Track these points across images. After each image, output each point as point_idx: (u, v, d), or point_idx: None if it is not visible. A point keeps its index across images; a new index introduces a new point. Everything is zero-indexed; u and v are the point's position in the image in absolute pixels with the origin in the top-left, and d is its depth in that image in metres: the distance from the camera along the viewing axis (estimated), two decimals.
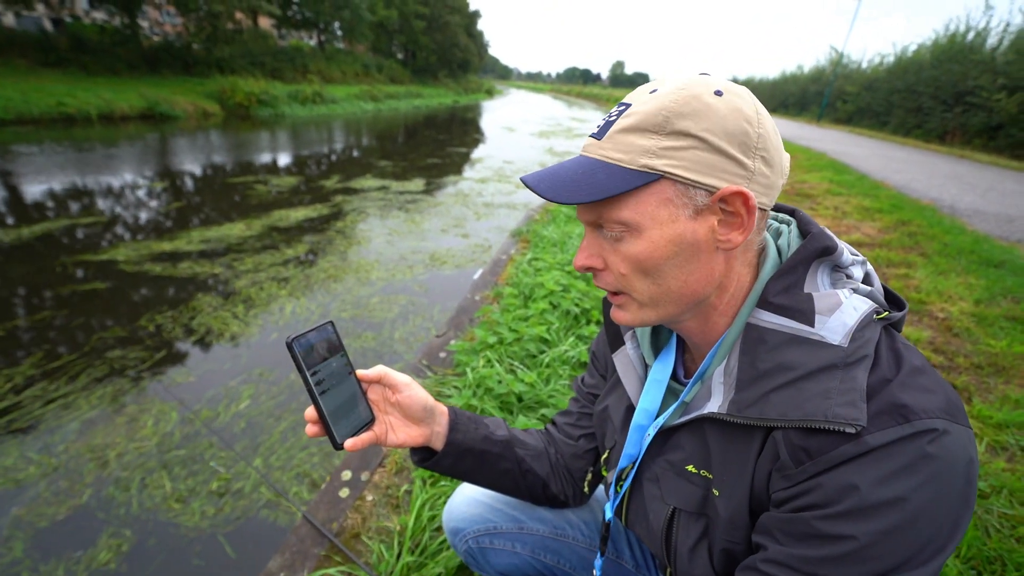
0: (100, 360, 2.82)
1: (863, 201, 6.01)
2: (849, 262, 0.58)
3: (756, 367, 0.54)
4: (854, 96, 23.97)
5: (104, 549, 1.77)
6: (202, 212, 5.94)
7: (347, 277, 4.18)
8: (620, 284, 0.58)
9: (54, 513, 1.92)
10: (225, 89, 17.18)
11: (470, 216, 6.20)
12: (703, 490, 0.61)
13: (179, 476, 2.08)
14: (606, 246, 0.57)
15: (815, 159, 9.75)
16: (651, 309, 0.58)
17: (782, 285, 0.55)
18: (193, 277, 3.98)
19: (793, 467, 0.50)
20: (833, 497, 0.47)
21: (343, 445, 0.65)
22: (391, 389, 0.73)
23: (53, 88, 13.02)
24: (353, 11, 30.45)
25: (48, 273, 3.90)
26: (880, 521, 0.45)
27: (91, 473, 2.11)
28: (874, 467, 0.45)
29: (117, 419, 2.41)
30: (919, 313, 3.08)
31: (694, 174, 0.51)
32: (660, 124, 0.51)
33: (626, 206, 0.53)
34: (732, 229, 0.53)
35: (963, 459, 0.46)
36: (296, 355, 0.61)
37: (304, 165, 9.15)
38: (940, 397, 0.48)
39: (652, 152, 0.51)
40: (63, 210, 5.64)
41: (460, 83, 49.78)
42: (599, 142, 0.55)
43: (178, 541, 1.80)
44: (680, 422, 0.63)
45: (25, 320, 3.23)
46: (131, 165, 8.20)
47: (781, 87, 35.86)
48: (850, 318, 0.51)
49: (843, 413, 0.46)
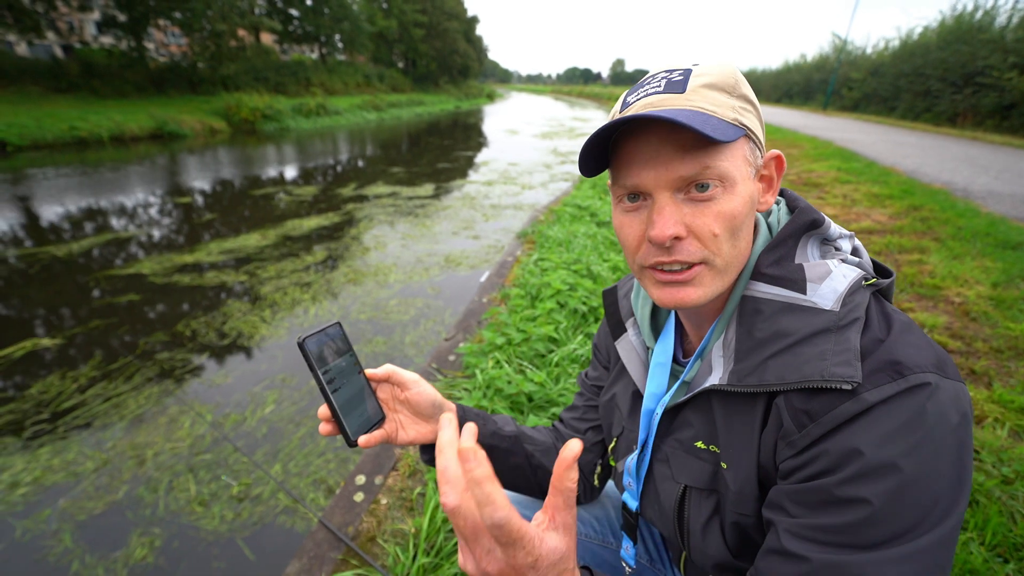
0: (151, 362, 3.02)
1: (872, 188, 5.92)
2: (837, 235, 0.60)
3: (753, 336, 0.55)
4: (859, 82, 23.67)
5: (138, 547, 1.84)
6: (217, 225, 6.07)
7: (366, 280, 4.30)
8: (706, 250, 0.53)
9: (93, 507, 2.03)
10: (231, 106, 17.44)
11: (479, 218, 6.28)
12: (712, 465, 0.61)
13: (203, 480, 2.14)
14: (688, 210, 0.53)
15: (822, 148, 9.64)
16: (721, 278, 0.56)
17: (774, 257, 0.57)
18: (221, 285, 4.16)
19: (796, 432, 0.50)
20: (840, 461, 0.47)
21: (356, 442, 0.66)
22: (399, 387, 0.74)
23: (65, 113, 13.32)
24: (353, 23, 30.82)
25: (84, 287, 4.12)
26: (888, 480, 0.45)
27: (129, 471, 2.22)
28: (875, 426, 0.46)
29: (160, 419, 2.54)
30: (934, 299, 3.02)
31: (761, 135, 0.56)
32: (733, 86, 0.53)
33: (726, 157, 0.52)
34: (766, 192, 0.59)
35: (956, 412, 0.46)
36: (307, 354, 0.62)
37: (312, 176, 9.27)
38: (930, 352, 0.48)
39: (736, 109, 0.53)
40: (84, 230, 5.80)
41: (461, 89, 50.04)
42: (683, 95, 0.52)
43: (198, 544, 1.85)
44: (684, 399, 0.63)
45: (81, 328, 3.43)
46: (144, 184, 8.37)
47: (784, 77, 35.54)
48: (840, 284, 0.52)
49: (839, 372, 0.48)
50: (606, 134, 0.53)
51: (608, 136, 0.54)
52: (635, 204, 0.55)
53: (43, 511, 2.00)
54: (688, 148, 0.50)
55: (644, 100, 0.53)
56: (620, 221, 0.58)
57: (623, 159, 0.54)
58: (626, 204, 0.56)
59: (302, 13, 29.24)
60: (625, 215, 0.57)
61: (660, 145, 0.51)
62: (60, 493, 2.10)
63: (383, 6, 38.95)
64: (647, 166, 0.52)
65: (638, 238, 0.56)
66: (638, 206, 0.55)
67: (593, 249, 3.82)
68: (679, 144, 0.50)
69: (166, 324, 3.49)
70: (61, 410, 2.59)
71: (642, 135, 0.52)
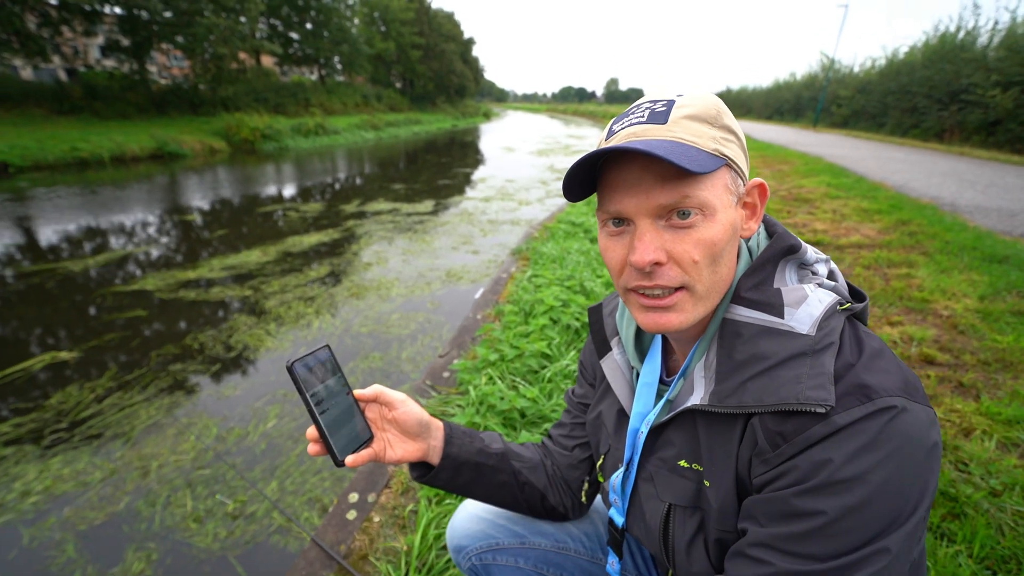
0: (165, 373, 3.12)
1: (862, 203, 6.02)
2: (813, 260, 0.63)
3: (733, 358, 0.57)
4: (848, 100, 24.16)
5: (135, 562, 1.85)
6: (218, 242, 6.14)
7: (368, 295, 4.39)
8: (687, 275, 0.55)
9: (94, 518, 2.07)
10: (231, 126, 17.64)
11: (477, 233, 6.39)
12: (696, 483, 0.63)
13: (200, 496, 2.16)
14: (668, 237, 0.55)
15: (812, 164, 9.80)
16: (703, 303, 0.57)
17: (753, 281, 0.59)
18: (226, 300, 4.27)
19: (770, 451, 0.53)
20: (806, 475, 0.49)
21: (344, 462, 0.67)
22: (387, 407, 0.75)
23: (67, 134, 13.46)
24: (352, 45, 31.38)
25: (92, 303, 4.22)
26: (847, 497, 0.47)
27: (133, 482, 2.26)
28: (843, 445, 0.48)
29: (168, 431, 2.60)
30: (923, 312, 3.06)
31: (742, 165, 0.58)
32: (714, 117, 0.56)
33: (705, 187, 0.54)
34: (749, 219, 0.61)
35: (921, 436, 0.48)
36: (296, 377, 0.63)
37: (311, 194, 9.37)
38: (898, 377, 0.51)
39: (716, 139, 0.55)
40: (85, 248, 5.88)
41: (458, 108, 50.76)
42: (664, 126, 0.54)
43: (191, 561, 1.85)
44: (668, 418, 0.65)
45: (96, 341, 3.53)
46: (143, 203, 8.43)
47: (775, 94, 36.23)
48: (816, 309, 0.55)
49: (813, 395, 0.50)
50: (589, 162, 0.56)
51: (592, 164, 0.57)
52: (619, 229, 0.58)
53: (49, 519, 2.06)
54: (668, 178, 0.52)
55: (628, 130, 0.56)
56: (605, 245, 0.60)
57: (607, 186, 0.57)
58: (611, 228, 0.58)
59: (302, 36, 29.80)
60: (609, 239, 0.59)
61: (641, 174, 0.53)
62: (67, 502, 2.15)
63: (381, 29, 39.75)
64: (629, 193, 0.54)
65: (621, 262, 0.58)
66: (622, 231, 0.58)
67: (586, 265, 3.87)
68: (659, 174, 0.53)
69: (175, 338, 3.59)
70: (79, 419, 2.67)
71: (624, 164, 0.55)
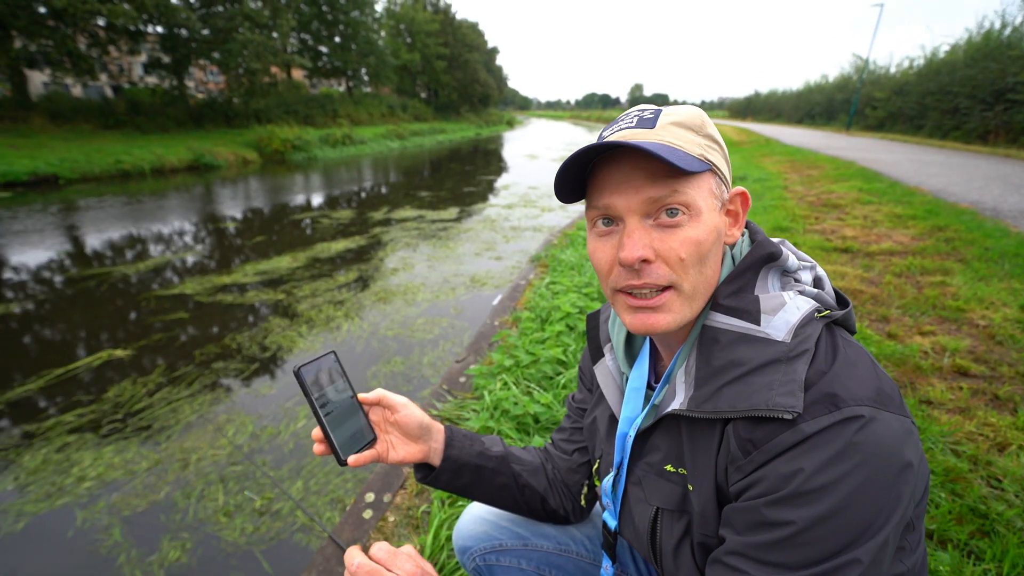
0: (208, 370, 3.34)
1: (895, 208, 5.81)
2: (796, 267, 0.63)
3: (711, 364, 0.58)
4: (884, 102, 23.37)
5: (171, 550, 1.99)
6: (251, 249, 6.43)
7: (395, 299, 4.55)
8: (674, 274, 0.57)
9: (137, 505, 2.24)
10: (263, 137, 18.33)
11: (500, 240, 6.50)
12: (681, 488, 0.64)
13: (231, 491, 2.28)
14: (656, 235, 0.56)
15: (843, 168, 9.52)
16: (689, 304, 0.59)
17: (732, 288, 0.60)
18: (260, 303, 4.52)
19: (742, 457, 0.54)
20: (776, 485, 0.50)
21: (346, 461, 0.70)
22: (389, 410, 0.78)
23: (112, 148, 14.21)
24: (378, 57, 32.21)
25: (138, 306, 4.51)
26: (816, 507, 0.48)
27: (173, 473, 2.42)
28: (811, 455, 0.49)
29: (208, 426, 2.76)
30: (957, 321, 2.94)
31: (726, 172, 0.60)
32: (699, 125, 0.59)
33: (692, 187, 0.56)
34: (733, 225, 0.63)
35: (891, 445, 0.48)
36: (303, 381, 0.66)
37: (338, 202, 9.66)
38: (869, 386, 0.51)
39: (701, 146, 0.58)
40: (128, 255, 6.23)
41: (481, 116, 51.33)
42: (653, 130, 0.57)
43: (219, 554, 1.95)
44: (652, 423, 0.66)
45: (146, 341, 3.80)
46: (181, 213, 8.85)
47: (806, 97, 35.37)
48: (793, 316, 0.55)
49: (782, 402, 0.50)
50: (582, 160, 0.58)
51: (583, 163, 0.59)
52: (608, 228, 0.59)
53: (100, 503, 2.24)
54: (658, 176, 0.55)
55: (618, 134, 0.58)
56: (594, 246, 0.62)
57: (597, 183, 0.59)
58: (600, 228, 0.60)
59: (331, 50, 30.75)
60: (598, 240, 0.61)
61: (632, 171, 0.56)
62: (116, 488, 2.33)
63: (407, 40, 40.66)
64: (619, 190, 0.56)
65: (610, 262, 0.59)
66: (611, 231, 0.59)
67: None
68: (649, 172, 0.55)
69: (215, 338, 3.83)
70: (132, 411, 2.89)
71: (615, 163, 0.57)
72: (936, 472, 1.70)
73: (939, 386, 2.25)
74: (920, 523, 0.58)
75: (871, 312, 3.08)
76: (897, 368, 2.40)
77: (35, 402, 2.99)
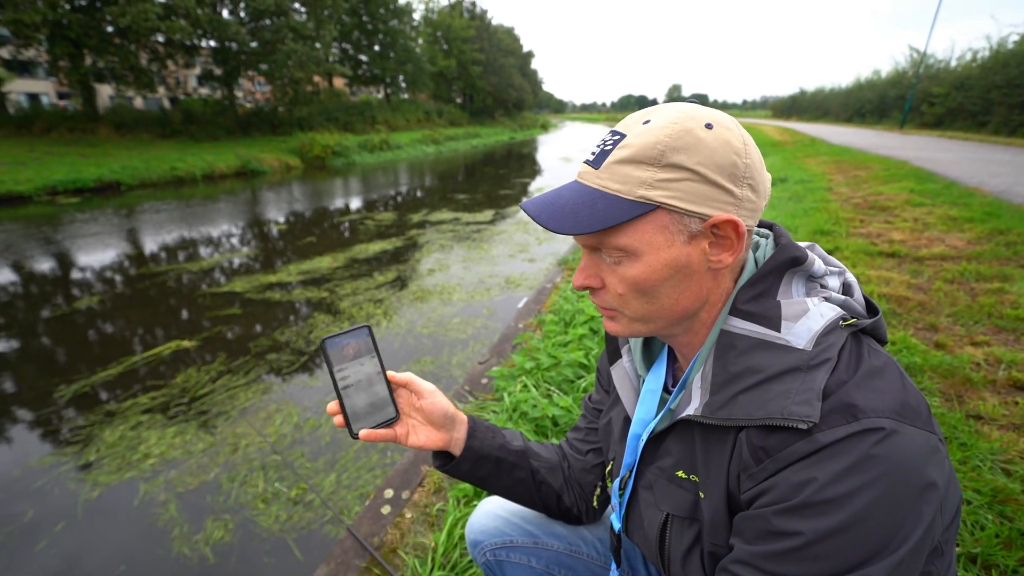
0: (262, 361, 3.60)
1: (950, 211, 5.45)
2: (822, 272, 0.61)
3: (727, 370, 0.57)
4: (943, 97, 21.97)
5: (215, 530, 2.14)
6: (293, 250, 6.76)
7: (432, 298, 4.72)
8: (616, 303, 0.61)
9: (189, 483, 2.43)
10: (305, 144, 19.08)
11: (532, 242, 6.59)
12: (693, 495, 0.63)
13: (270, 479, 2.42)
14: (604, 267, 0.60)
15: (894, 169, 9.00)
16: (641, 324, 0.62)
17: (752, 293, 0.58)
18: (306, 301, 4.80)
19: (754, 466, 0.52)
20: (787, 494, 0.48)
21: (358, 435, 0.71)
22: (416, 395, 0.80)
23: (167, 156, 15.16)
24: (415, 64, 33.01)
25: (196, 302, 4.88)
26: (826, 519, 0.46)
27: (224, 456, 2.61)
28: (825, 465, 0.47)
29: (260, 413, 2.96)
30: (1016, 332, 2.73)
31: (688, 204, 0.53)
32: (656, 157, 0.53)
33: (624, 234, 0.55)
34: (723, 251, 0.57)
35: (913, 461, 0.46)
36: (326, 353, 0.68)
37: (375, 206, 9.98)
38: (892, 398, 0.49)
39: (648, 184, 0.53)
40: (181, 256, 6.67)
41: (516, 120, 51.60)
42: (596, 171, 0.57)
43: (254, 538, 2.08)
44: (666, 427, 0.66)
45: (208, 333, 4.11)
46: (229, 216, 9.36)
47: (856, 94, 33.71)
48: (816, 324, 0.53)
49: (798, 411, 0.49)
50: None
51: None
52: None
53: (159, 479, 2.46)
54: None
55: (581, 166, 0.61)
56: None
57: None
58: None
59: (370, 58, 31.74)
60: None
61: None
62: (174, 466, 2.54)
63: (443, 47, 41.44)
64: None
65: None
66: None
67: None
68: None
69: (266, 332, 4.12)
70: (196, 396, 3.15)
71: None
72: (983, 492, 1.58)
73: (991, 400, 2.10)
74: (950, 549, 0.55)
75: (917, 320, 2.91)
76: (944, 380, 2.25)
77: (115, 385, 3.33)
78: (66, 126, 16.04)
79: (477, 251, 6.23)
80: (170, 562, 1.99)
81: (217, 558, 1.99)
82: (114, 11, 15.61)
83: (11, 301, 5.05)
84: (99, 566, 1.99)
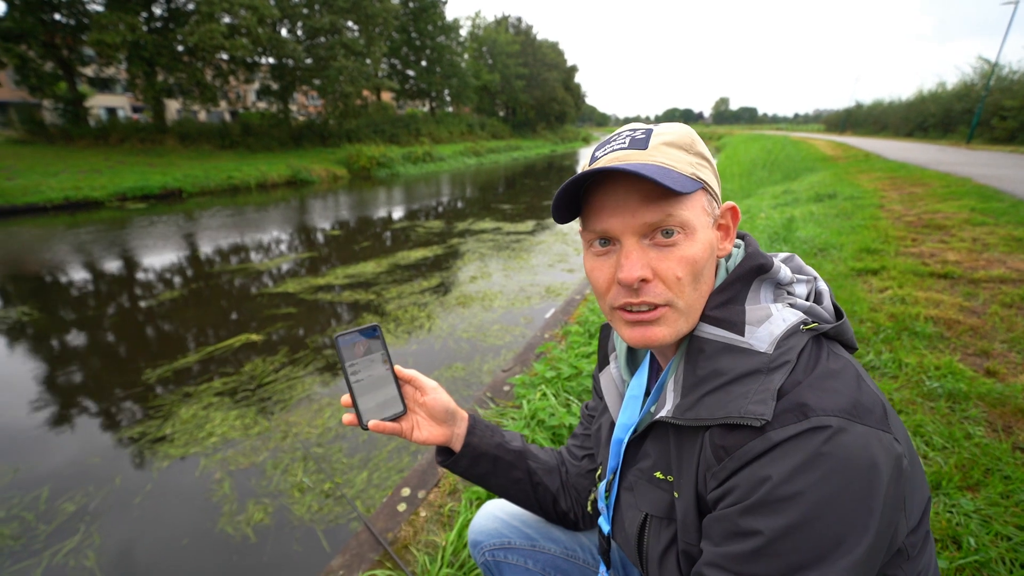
0: (319, 356, 3.89)
1: (1014, 231, 5.07)
2: (789, 279, 0.63)
3: (696, 374, 0.59)
4: (1017, 111, 20.53)
5: (256, 512, 2.31)
6: (339, 255, 7.11)
7: (473, 304, 4.90)
8: (671, 292, 0.58)
9: (241, 462, 2.62)
10: (352, 155, 19.93)
11: (571, 252, 6.67)
12: (670, 495, 0.64)
13: (310, 470, 2.57)
14: (653, 255, 0.57)
15: (954, 186, 8.45)
16: (685, 319, 0.60)
17: (719, 300, 0.61)
18: (355, 302, 5.13)
19: (716, 464, 0.54)
20: (747, 492, 0.50)
21: (367, 425, 0.75)
22: (419, 391, 0.83)
23: (225, 165, 16.22)
24: (460, 79, 33.89)
25: (256, 300, 5.28)
26: (784, 516, 0.47)
27: (274, 442, 2.82)
28: (778, 463, 0.48)
29: (313, 405, 3.18)
30: None
31: (716, 188, 0.62)
32: (689, 144, 0.60)
33: (686, 207, 0.57)
34: (724, 239, 0.63)
35: (862, 458, 0.47)
36: (339, 348, 0.72)
37: (417, 215, 10.34)
38: (844, 398, 0.50)
39: (693, 164, 0.59)
40: (234, 257, 7.15)
41: (557, 133, 51.87)
42: (646, 151, 0.58)
43: (286, 525, 2.22)
44: (645, 430, 0.68)
45: (271, 328, 4.48)
46: (280, 223, 9.92)
47: (918, 108, 31.92)
48: (777, 328, 0.55)
49: (753, 409, 0.51)
50: (576, 185, 0.61)
51: (579, 187, 0.61)
52: (605, 249, 0.60)
53: (216, 456, 2.69)
54: (652, 198, 0.56)
55: (611, 155, 0.59)
56: (591, 265, 0.62)
57: (593, 207, 0.60)
58: (596, 248, 0.61)
59: (417, 73, 32.86)
60: (596, 259, 0.61)
61: (627, 195, 0.57)
62: (231, 446, 2.76)
63: (488, 62, 42.37)
64: (615, 213, 0.57)
65: (608, 281, 0.60)
66: (608, 251, 0.60)
67: None
68: (644, 194, 0.56)
69: (321, 329, 4.44)
70: (262, 383, 3.45)
71: (610, 186, 0.58)
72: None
73: None
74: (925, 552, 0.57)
75: (968, 345, 2.73)
76: (991, 409, 2.11)
77: (194, 370, 3.69)
78: (138, 137, 17.48)
79: (517, 260, 6.36)
80: (214, 536, 2.17)
81: (257, 538, 2.14)
82: (184, 31, 16.99)
83: (96, 293, 5.67)
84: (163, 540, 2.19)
